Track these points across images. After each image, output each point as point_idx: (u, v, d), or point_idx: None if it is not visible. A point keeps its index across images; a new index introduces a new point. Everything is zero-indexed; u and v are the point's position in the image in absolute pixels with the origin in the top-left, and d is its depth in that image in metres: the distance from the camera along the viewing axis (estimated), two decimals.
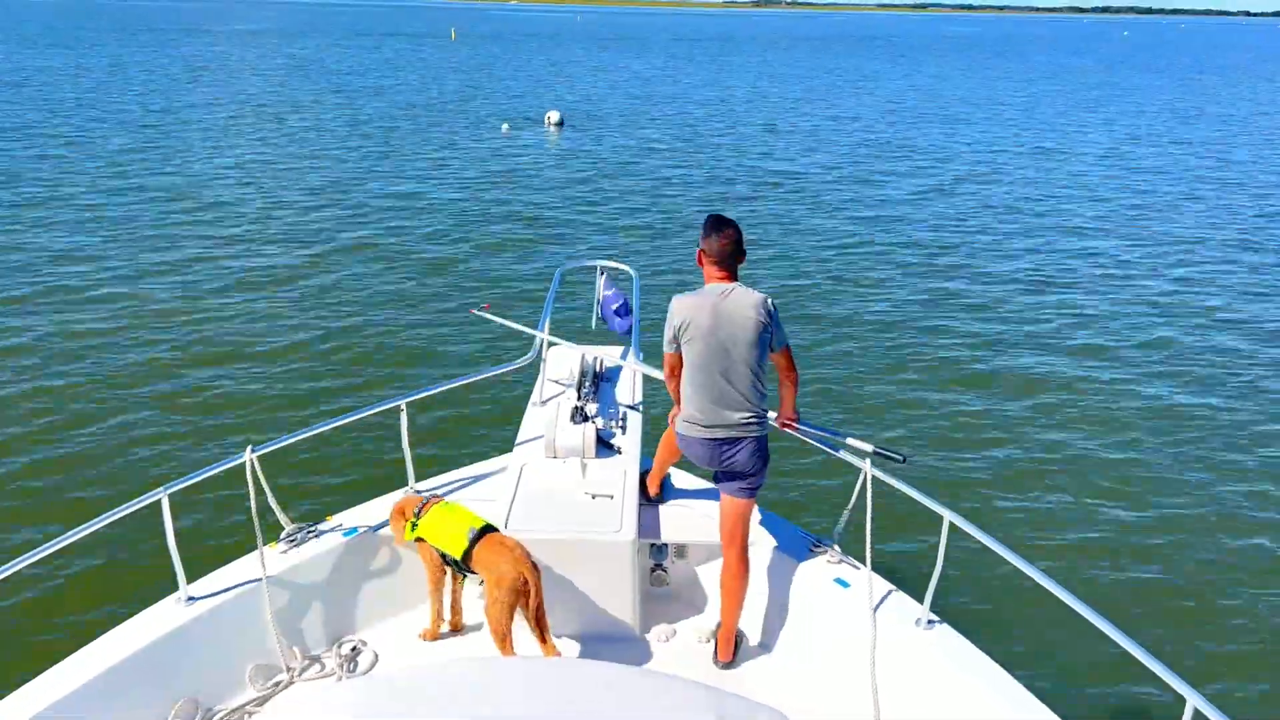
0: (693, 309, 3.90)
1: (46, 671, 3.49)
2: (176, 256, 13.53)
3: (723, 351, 3.88)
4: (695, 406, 3.98)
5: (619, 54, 71.98)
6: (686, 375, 4.00)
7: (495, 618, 3.79)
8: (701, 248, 4.00)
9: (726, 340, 3.87)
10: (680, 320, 3.92)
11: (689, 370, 3.97)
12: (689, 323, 3.90)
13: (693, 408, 3.99)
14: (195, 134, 25.14)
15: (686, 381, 4.00)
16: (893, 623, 3.93)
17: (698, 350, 3.91)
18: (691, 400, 3.99)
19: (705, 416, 3.97)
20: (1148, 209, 18.99)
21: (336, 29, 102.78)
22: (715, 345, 3.88)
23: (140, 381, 9.23)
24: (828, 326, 11.46)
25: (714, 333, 3.87)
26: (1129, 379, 10.10)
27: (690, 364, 3.96)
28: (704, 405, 3.96)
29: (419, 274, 13.11)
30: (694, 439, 4.03)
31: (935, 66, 65.87)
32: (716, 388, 3.93)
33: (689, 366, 3.97)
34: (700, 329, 3.88)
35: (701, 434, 4.00)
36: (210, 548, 6.31)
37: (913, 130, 30.50)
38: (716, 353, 3.89)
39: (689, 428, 4.04)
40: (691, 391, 3.98)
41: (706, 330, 3.87)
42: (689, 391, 4.00)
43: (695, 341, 3.90)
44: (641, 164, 22.71)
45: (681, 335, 3.94)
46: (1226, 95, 46.46)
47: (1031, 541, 6.98)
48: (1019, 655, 5.50)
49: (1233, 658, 5.84)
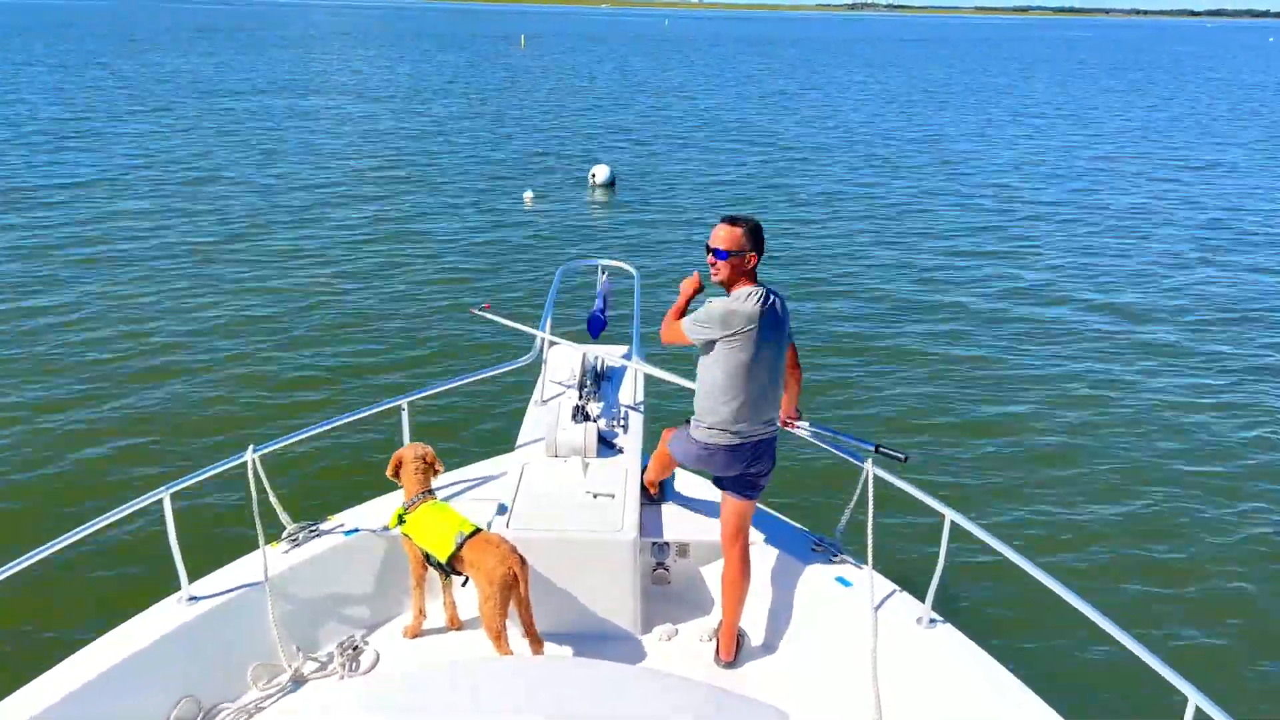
0: (741, 315, 3.75)
1: (48, 671, 3.49)
2: (177, 257, 13.53)
3: (766, 358, 3.83)
4: (732, 413, 3.84)
5: (700, 66, 60.48)
6: (724, 384, 3.82)
7: (488, 615, 3.80)
8: (751, 252, 3.84)
9: (769, 346, 3.83)
10: (727, 325, 3.75)
11: (728, 378, 3.81)
12: (738, 330, 3.75)
13: (728, 413, 3.84)
14: (196, 134, 25.14)
15: (729, 388, 3.82)
16: (894, 622, 3.93)
17: (743, 357, 3.77)
18: (731, 406, 3.84)
19: (739, 424, 3.86)
20: (1151, 212, 18.98)
21: (396, 33, 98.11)
22: (760, 353, 3.80)
23: (141, 381, 9.23)
24: (830, 326, 11.45)
25: (760, 340, 3.78)
26: (1130, 379, 10.09)
27: (729, 372, 3.80)
28: (748, 412, 3.85)
29: (419, 274, 13.11)
30: (723, 446, 3.90)
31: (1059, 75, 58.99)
32: (760, 395, 3.86)
33: (727, 374, 3.80)
34: (748, 337, 3.76)
35: (731, 440, 3.89)
36: (212, 547, 6.28)
37: (952, 130, 30.46)
38: (761, 360, 3.81)
39: (719, 435, 3.88)
40: (731, 400, 3.83)
41: (754, 339, 3.77)
42: (728, 399, 3.83)
43: (739, 347, 3.77)
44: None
45: (726, 339, 3.77)
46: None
47: (1033, 540, 6.98)
48: (1021, 654, 5.49)
49: (1235, 656, 5.83)
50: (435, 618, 4.41)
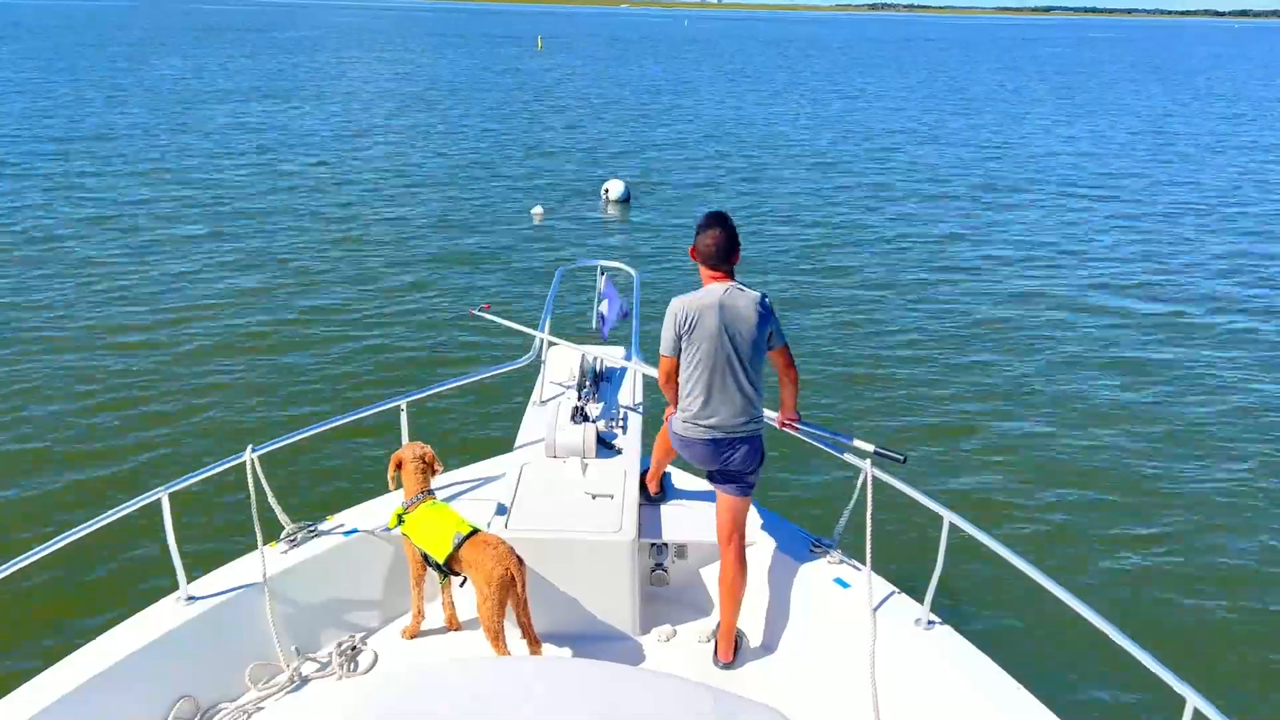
0: (697, 308, 3.85)
1: (46, 671, 3.49)
2: (178, 257, 13.53)
3: (727, 352, 3.86)
4: (698, 407, 3.94)
5: (724, 70, 57.65)
6: (687, 376, 3.94)
7: (487, 615, 3.81)
8: (694, 245, 3.95)
9: (731, 340, 3.85)
10: (684, 320, 3.87)
11: (691, 370, 3.92)
12: (694, 322, 3.85)
13: (695, 408, 3.95)
14: (195, 136, 25.14)
15: (688, 382, 3.95)
16: (893, 623, 3.93)
17: (703, 350, 3.86)
18: (694, 401, 3.95)
19: (708, 417, 3.94)
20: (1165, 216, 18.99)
21: (411, 35, 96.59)
22: (720, 345, 3.85)
23: (141, 381, 9.23)
24: (828, 326, 11.45)
25: (719, 333, 3.84)
26: (1131, 380, 10.10)
27: (693, 364, 3.91)
28: (707, 406, 3.93)
29: (419, 274, 13.11)
30: (695, 440, 4.00)
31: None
32: (721, 388, 3.90)
33: (691, 367, 3.91)
34: (706, 329, 3.84)
35: (703, 434, 3.97)
36: (210, 547, 6.30)
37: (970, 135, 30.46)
38: (721, 353, 3.86)
39: (690, 428, 4.00)
40: (693, 392, 3.94)
41: (712, 330, 3.84)
42: (691, 392, 3.95)
43: (700, 342, 3.86)
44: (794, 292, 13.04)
45: (685, 336, 3.89)
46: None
47: (1032, 542, 6.98)
48: (1019, 656, 5.47)
49: (1233, 658, 5.83)
50: (434, 618, 4.41)
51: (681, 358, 3.95)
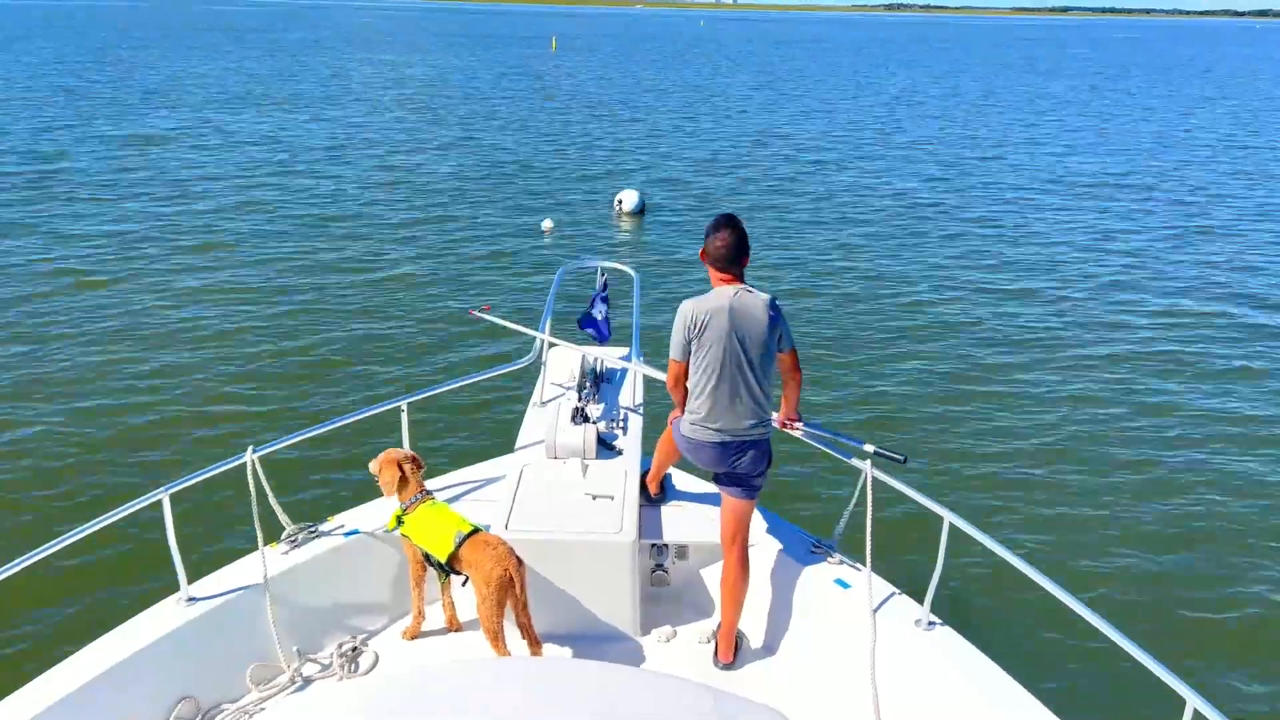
0: (706, 311, 3.84)
1: (47, 671, 3.49)
2: (178, 258, 13.53)
3: (737, 355, 3.85)
4: (706, 410, 3.92)
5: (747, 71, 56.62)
6: (697, 378, 3.93)
7: (486, 616, 3.82)
8: (703, 248, 3.94)
9: (741, 343, 3.84)
10: (694, 323, 3.85)
11: (700, 374, 3.91)
12: (704, 325, 3.83)
13: (704, 411, 3.93)
14: (196, 137, 25.15)
15: (697, 384, 3.93)
16: (893, 624, 3.93)
17: (713, 354, 3.85)
18: (702, 404, 3.93)
19: (718, 420, 3.92)
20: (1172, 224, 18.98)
21: (426, 35, 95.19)
22: (730, 348, 3.84)
23: (142, 381, 9.24)
24: (828, 326, 11.46)
25: (729, 335, 3.82)
26: (1131, 380, 10.10)
27: (702, 367, 3.89)
28: (717, 409, 3.91)
29: (421, 277, 13.12)
30: (704, 443, 3.97)
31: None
32: (731, 391, 3.89)
33: (700, 370, 3.90)
34: (716, 332, 3.83)
35: (712, 438, 3.95)
36: (211, 548, 6.32)
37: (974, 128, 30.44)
38: (731, 356, 3.84)
39: (698, 431, 3.97)
40: (702, 395, 3.92)
41: (722, 333, 3.82)
42: (700, 395, 3.93)
43: (710, 345, 3.84)
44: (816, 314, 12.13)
45: (695, 339, 3.87)
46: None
47: (1032, 543, 6.98)
48: (1019, 656, 5.47)
49: (1233, 659, 5.84)
50: (434, 619, 4.42)
51: (691, 360, 3.94)
